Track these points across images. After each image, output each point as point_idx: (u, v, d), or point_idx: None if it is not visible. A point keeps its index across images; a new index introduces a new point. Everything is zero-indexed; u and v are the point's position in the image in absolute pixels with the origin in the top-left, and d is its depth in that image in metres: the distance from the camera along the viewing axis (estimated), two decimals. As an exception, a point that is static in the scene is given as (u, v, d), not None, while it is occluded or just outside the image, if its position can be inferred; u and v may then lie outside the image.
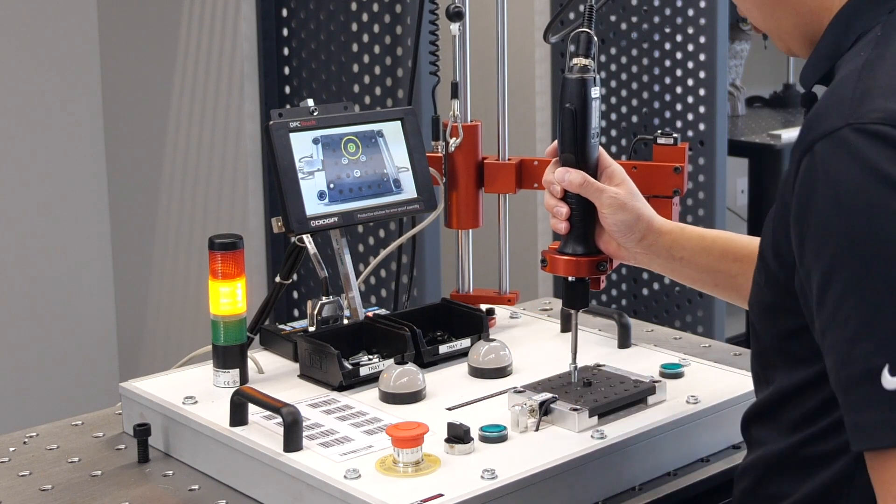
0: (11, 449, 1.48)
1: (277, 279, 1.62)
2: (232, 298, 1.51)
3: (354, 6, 2.67)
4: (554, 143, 1.42)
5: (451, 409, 1.43)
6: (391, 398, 1.44)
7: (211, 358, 1.53)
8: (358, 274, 1.70)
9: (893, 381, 0.98)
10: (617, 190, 1.39)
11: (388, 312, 1.68)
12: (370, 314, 1.64)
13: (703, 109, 3.09)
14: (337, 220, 1.59)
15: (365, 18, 2.65)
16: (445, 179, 1.76)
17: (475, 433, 1.32)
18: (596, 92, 1.37)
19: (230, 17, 2.84)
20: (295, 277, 1.79)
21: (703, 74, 3.08)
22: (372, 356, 1.56)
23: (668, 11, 3.13)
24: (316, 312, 1.59)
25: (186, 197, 3.07)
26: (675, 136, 1.66)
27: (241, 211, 2.89)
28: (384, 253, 1.85)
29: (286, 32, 2.85)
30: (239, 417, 1.38)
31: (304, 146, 1.58)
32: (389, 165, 1.65)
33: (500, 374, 1.52)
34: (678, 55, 3.12)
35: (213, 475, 1.40)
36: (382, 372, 1.47)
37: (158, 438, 1.47)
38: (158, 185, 3.14)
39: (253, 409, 1.39)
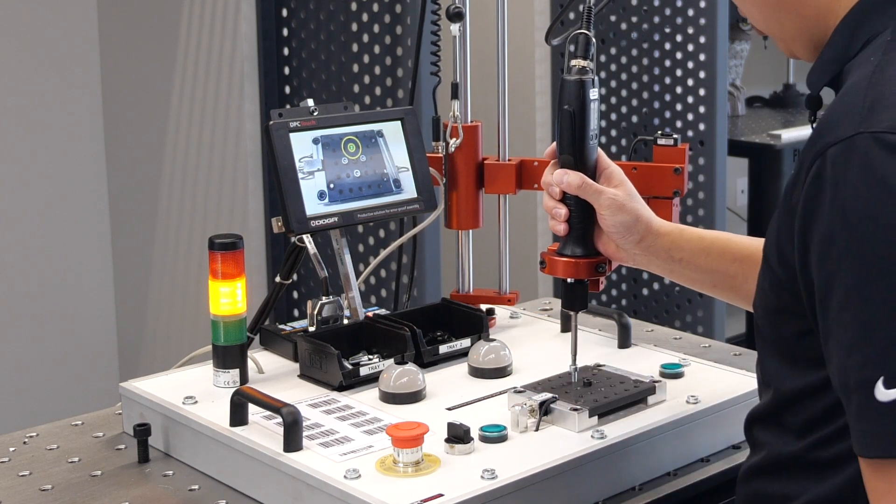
0: (11, 449, 1.48)
1: (277, 279, 1.62)
2: (232, 298, 1.51)
3: (354, 6, 2.67)
4: (553, 144, 1.42)
5: (451, 409, 1.43)
6: (391, 398, 1.44)
7: (211, 358, 1.53)
8: (358, 274, 1.70)
9: (888, 393, 0.98)
10: (615, 191, 1.39)
11: (388, 312, 1.68)
12: (370, 314, 1.64)
13: (703, 109, 3.08)
14: (337, 220, 1.59)
15: (365, 18, 2.64)
16: (445, 180, 1.77)
17: (475, 433, 1.32)
18: (594, 93, 1.37)
19: (230, 17, 2.83)
20: (295, 277, 1.79)
21: (703, 74, 3.08)
22: (372, 356, 1.56)
23: (668, 11, 3.12)
24: (316, 312, 1.59)
25: (186, 197, 3.06)
26: (675, 136, 1.66)
27: (241, 211, 2.89)
28: (384, 253, 1.85)
29: (286, 32, 2.85)
30: (239, 417, 1.38)
31: (304, 146, 1.58)
32: (389, 165, 1.65)
33: (500, 374, 1.52)
34: (678, 55, 3.11)
35: (213, 475, 1.40)
36: (382, 372, 1.47)
37: (158, 438, 1.47)
38: (158, 185, 3.14)
39: (253, 409, 1.39)
